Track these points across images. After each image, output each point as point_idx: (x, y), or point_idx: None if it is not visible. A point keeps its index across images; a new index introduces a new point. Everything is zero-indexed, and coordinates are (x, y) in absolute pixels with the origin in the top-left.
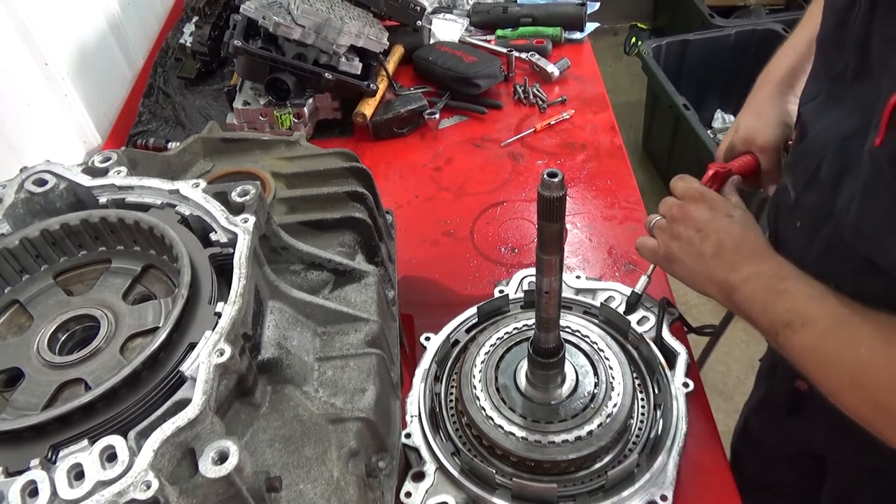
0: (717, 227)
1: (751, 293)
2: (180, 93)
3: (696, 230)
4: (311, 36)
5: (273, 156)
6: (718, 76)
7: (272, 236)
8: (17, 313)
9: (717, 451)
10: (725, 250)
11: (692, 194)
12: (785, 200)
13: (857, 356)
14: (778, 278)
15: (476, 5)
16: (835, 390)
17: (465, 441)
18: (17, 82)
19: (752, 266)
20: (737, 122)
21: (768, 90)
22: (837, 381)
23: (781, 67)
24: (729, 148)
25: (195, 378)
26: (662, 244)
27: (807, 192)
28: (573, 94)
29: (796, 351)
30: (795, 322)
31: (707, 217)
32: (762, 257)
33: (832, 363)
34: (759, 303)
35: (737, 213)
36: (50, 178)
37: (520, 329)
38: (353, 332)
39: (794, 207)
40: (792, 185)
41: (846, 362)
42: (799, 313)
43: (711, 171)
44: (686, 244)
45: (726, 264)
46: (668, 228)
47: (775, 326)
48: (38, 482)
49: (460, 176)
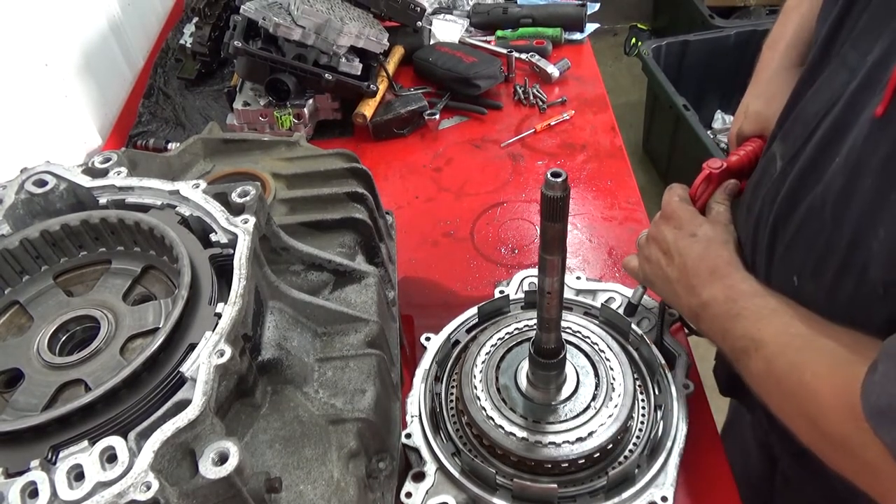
0: (680, 249)
1: (711, 319)
2: (180, 93)
3: (663, 252)
4: (311, 37)
5: (273, 156)
6: (718, 77)
7: (272, 237)
8: (17, 314)
9: (717, 452)
10: (686, 273)
11: (665, 211)
12: (769, 171)
13: (802, 380)
14: (731, 301)
15: (476, 6)
16: (786, 417)
17: (465, 441)
18: (18, 83)
19: (708, 289)
20: (744, 104)
21: (774, 65)
22: (787, 407)
23: (785, 35)
24: (738, 136)
25: (195, 379)
26: (640, 265)
27: (794, 161)
28: (573, 94)
29: (752, 377)
30: (749, 347)
31: (672, 238)
32: (718, 276)
33: (780, 388)
34: (719, 330)
35: (702, 230)
36: (50, 179)
37: (520, 329)
38: (354, 332)
39: (779, 178)
40: (780, 155)
41: (792, 387)
42: (752, 337)
43: (706, 172)
44: (656, 267)
45: (687, 288)
46: (644, 248)
47: (735, 354)
48: (38, 483)
49: (460, 176)
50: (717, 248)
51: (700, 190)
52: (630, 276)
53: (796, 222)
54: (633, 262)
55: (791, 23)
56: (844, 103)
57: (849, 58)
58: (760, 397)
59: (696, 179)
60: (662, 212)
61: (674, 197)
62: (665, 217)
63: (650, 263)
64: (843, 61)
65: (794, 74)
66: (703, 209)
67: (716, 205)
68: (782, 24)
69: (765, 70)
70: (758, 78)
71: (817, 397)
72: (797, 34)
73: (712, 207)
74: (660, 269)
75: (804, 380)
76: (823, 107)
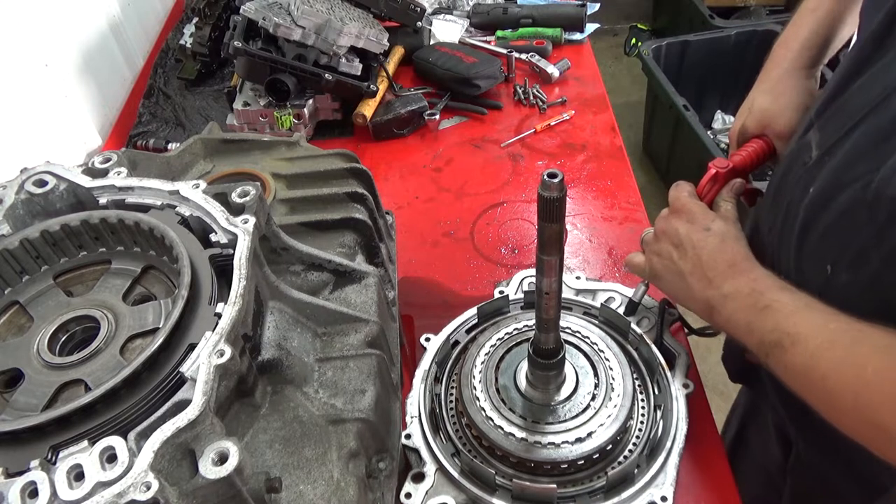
0: (694, 242)
1: (732, 312)
2: (180, 94)
3: (675, 246)
4: (311, 37)
5: (273, 157)
6: (718, 77)
7: (272, 237)
8: (17, 314)
9: (717, 452)
10: (701, 266)
11: (674, 206)
12: (801, 159)
13: (861, 375)
14: (758, 293)
15: (476, 6)
16: (832, 411)
17: (465, 442)
18: (18, 83)
19: (728, 282)
20: (749, 99)
21: (786, 64)
22: (837, 402)
23: (799, 35)
24: (742, 131)
25: (195, 379)
26: (647, 260)
27: (834, 150)
28: (573, 94)
29: (788, 371)
30: (784, 341)
31: (684, 231)
32: (739, 271)
33: (830, 383)
34: (743, 323)
35: (716, 224)
36: (50, 179)
37: (520, 330)
38: (354, 332)
39: (814, 166)
40: (817, 143)
41: (848, 383)
42: (786, 331)
43: (712, 172)
44: (667, 261)
45: (703, 282)
46: (652, 244)
47: (764, 348)
48: (38, 483)
49: (460, 177)
50: (733, 242)
51: (706, 189)
52: (632, 275)
53: (835, 211)
54: (636, 259)
55: (807, 24)
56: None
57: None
58: (797, 391)
59: (702, 178)
60: (672, 207)
61: (683, 192)
62: (675, 211)
63: (660, 257)
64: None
65: (806, 75)
66: (710, 206)
67: (723, 202)
68: (797, 24)
69: (775, 68)
70: (767, 75)
71: (883, 393)
72: (813, 36)
73: (720, 205)
74: (671, 262)
75: (865, 375)
76: (873, 99)
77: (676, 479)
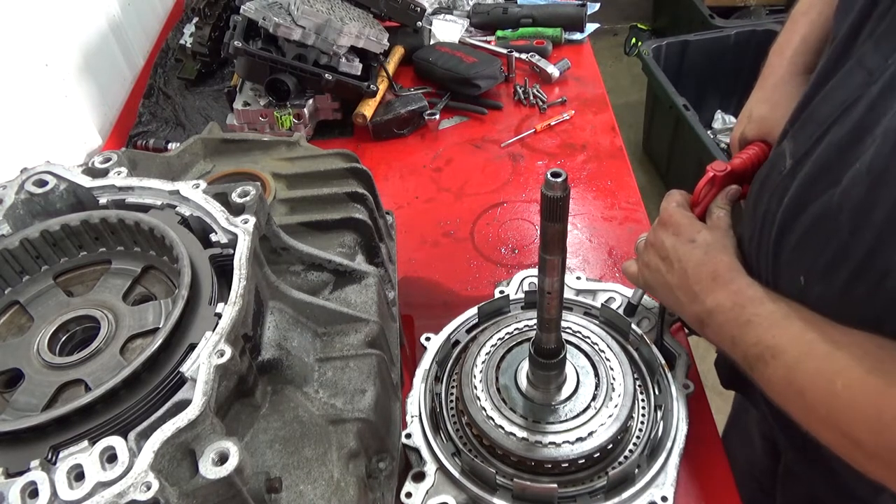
0: (679, 255)
1: (718, 327)
2: (180, 94)
3: (662, 259)
4: (311, 37)
5: (273, 157)
6: (718, 77)
7: (272, 237)
8: (17, 314)
9: (717, 452)
10: (687, 280)
11: (662, 217)
12: (778, 168)
13: (832, 389)
14: (739, 307)
15: (476, 6)
16: (811, 424)
17: (465, 441)
18: (18, 83)
19: (712, 296)
20: (748, 107)
21: (781, 71)
22: (813, 415)
23: (792, 41)
24: (741, 140)
25: (195, 379)
26: (639, 271)
27: (805, 160)
28: (573, 94)
29: (771, 385)
30: (765, 354)
31: (670, 244)
32: (721, 283)
33: (805, 397)
34: (728, 337)
35: (701, 236)
36: (50, 179)
37: (521, 329)
38: (354, 332)
39: (788, 176)
40: (790, 152)
41: (820, 396)
42: (767, 344)
43: (709, 175)
44: (656, 273)
45: (689, 295)
46: (643, 255)
47: (748, 361)
48: (38, 483)
49: (460, 177)
50: (717, 253)
51: (703, 192)
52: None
53: (806, 222)
54: (632, 268)
55: (798, 30)
56: (865, 107)
57: (867, 59)
58: (779, 404)
59: (699, 182)
60: (660, 218)
61: (671, 203)
62: (663, 223)
63: (649, 270)
64: (859, 62)
65: (801, 82)
66: (704, 212)
67: (716, 209)
68: (790, 30)
69: (771, 76)
70: (763, 83)
71: (853, 408)
72: (804, 41)
73: (713, 212)
74: (660, 275)
75: (834, 389)
76: (838, 107)
77: (677, 480)
